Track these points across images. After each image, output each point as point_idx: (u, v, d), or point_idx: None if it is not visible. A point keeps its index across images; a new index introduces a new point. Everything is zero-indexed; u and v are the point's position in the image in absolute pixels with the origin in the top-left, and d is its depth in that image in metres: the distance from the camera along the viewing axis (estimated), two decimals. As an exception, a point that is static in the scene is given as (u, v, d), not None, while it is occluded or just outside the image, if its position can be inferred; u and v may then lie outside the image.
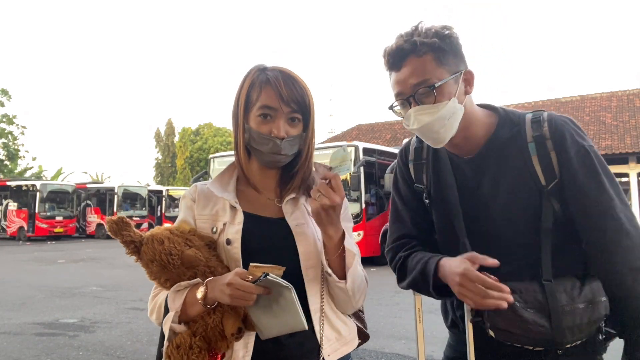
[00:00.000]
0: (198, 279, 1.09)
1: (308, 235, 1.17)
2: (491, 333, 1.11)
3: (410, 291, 1.37)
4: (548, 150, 1.16)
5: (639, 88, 19.60)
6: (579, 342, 1.11)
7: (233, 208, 1.18)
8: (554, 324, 1.07)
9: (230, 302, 1.03)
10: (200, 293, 1.06)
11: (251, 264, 1.02)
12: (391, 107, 1.26)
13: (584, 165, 1.14)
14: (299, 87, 1.18)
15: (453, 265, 1.13)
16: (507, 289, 1.05)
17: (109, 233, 1.10)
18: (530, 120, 1.21)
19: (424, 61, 1.15)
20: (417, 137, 1.41)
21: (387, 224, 8.97)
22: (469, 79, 1.21)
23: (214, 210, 1.20)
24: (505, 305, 1.04)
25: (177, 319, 1.08)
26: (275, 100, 1.15)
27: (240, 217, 1.17)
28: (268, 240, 1.17)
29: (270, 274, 0.99)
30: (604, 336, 1.14)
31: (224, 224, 1.16)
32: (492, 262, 1.07)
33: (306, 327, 1.06)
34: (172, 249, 1.09)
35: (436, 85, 1.14)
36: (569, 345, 1.10)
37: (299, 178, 1.24)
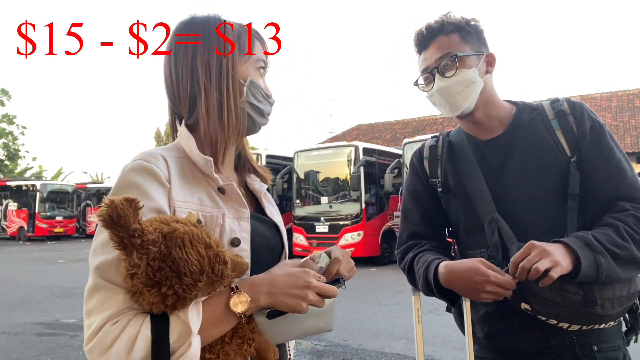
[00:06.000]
0: (226, 289, 0.80)
1: (285, 233, 1.07)
2: (525, 306, 1.10)
3: (410, 291, 1.37)
4: (570, 124, 1.24)
5: (639, 88, 19.60)
6: (614, 322, 1.13)
7: (220, 195, 0.92)
8: (597, 294, 1.06)
9: (298, 309, 0.80)
10: (242, 304, 0.78)
11: (320, 252, 0.91)
12: (416, 83, 1.35)
13: (597, 138, 1.22)
14: None
15: (463, 270, 1.12)
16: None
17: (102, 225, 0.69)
18: (549, 102, 1.31)
19: (450, 38, 1.26)
20: (433, 136, 1.46)
21: (388, 223, 9.04)
22: (490, 61, 1.30)
23: (194, 196, 0.89)
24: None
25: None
26: (265, 56, 1.01)
27: (245, 211, 0.93)
28: (268, 241, 0.99)
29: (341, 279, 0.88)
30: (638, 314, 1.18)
31: (223, 216, 0.89)
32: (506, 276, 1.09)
33: (332, 328, 0.91)
34: (222, 255, 0.77)
35: (458, 55, 1.24)
36: (604, 325, 1.11)
37: (249, 154, 1.07)
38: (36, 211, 21.70)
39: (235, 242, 0.89)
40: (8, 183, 23.76)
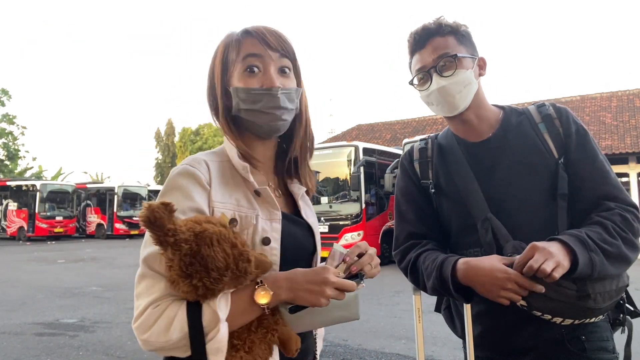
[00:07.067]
0: (252, 283, 0.88)
1: (318, 234, 1.14)
2: (522, 302, 1.11)
3: (411, 291, 1.37)
4: (557, 127, 1.29)
5: (639, 88, 19.60)
6: (603, 316, 1.17)
7: (256, 197, 1.00)
8: (589, 288, 1.09)
9: (316, 303, 0.87)
10: (265, 297, 0.86)
11: (337, 246, 0.97)
12: (411, 82, 1.37)
13: (583, 142, 1.27)
14: (284, 36, 1.04)
15: (485, 267, 1.12)
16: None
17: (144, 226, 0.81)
18: (535, 107, 1.35)
19: (447, 39, 1.29)
20: (421, 139, 1.48)
21: (388, 223, 9.01)
22: (482, 65, 1.35)
23: (232, 197, 0.97)
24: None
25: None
26: (259, 47, 1.00)
27: (277, 213, 1.00)
28: (298, 241, 1.05)
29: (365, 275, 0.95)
30: (630, 309, 1.22)
31: (257, 216, 0.97)
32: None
33: (359, 317, 0.98)
34: (246, 253, 0.85)
35: (458, 55, 1.27)
36: (594, 319, 1.14)
37: (303, 157, 1.10)
38: (36, 211, 21.72)
39: (265, 241, 0.97)
40: (8, 183, 23.78)
